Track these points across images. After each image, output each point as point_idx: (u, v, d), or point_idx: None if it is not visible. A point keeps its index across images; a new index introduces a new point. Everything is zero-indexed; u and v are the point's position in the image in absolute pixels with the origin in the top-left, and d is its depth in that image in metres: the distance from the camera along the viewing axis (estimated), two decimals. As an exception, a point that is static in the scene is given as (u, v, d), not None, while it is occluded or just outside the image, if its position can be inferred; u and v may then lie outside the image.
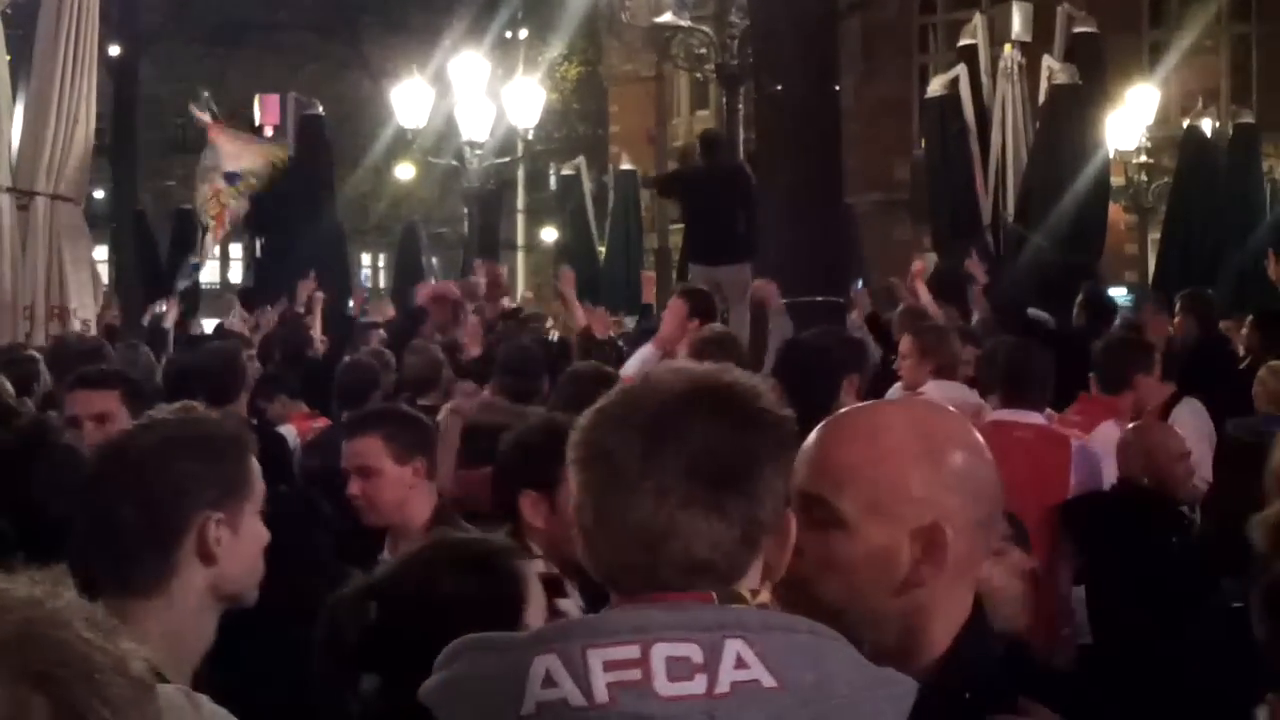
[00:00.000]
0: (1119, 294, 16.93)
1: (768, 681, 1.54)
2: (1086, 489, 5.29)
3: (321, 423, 6.99)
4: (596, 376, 5.51)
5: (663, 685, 1.53)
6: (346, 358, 8.02)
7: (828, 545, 1.80)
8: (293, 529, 2.49)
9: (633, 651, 1.55)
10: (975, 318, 9.21)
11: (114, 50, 24.31)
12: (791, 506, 1.76)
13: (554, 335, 11.04)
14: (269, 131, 15.46)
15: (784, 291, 7.82)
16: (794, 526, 1.73)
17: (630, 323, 14.85)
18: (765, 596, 1.70)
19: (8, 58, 10.17)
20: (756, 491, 1.66)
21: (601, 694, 1.53)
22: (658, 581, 1.62)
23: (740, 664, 1.55)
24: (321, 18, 30.68)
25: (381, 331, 10.64)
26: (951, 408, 2.07)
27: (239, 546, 2.30)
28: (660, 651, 1.55)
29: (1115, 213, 18.57)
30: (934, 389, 5.93)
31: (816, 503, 1.81)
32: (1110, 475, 5.36)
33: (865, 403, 1.98)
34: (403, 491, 4.16)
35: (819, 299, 8.77)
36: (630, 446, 1.65)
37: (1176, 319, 10.00)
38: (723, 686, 1.53)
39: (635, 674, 1.54)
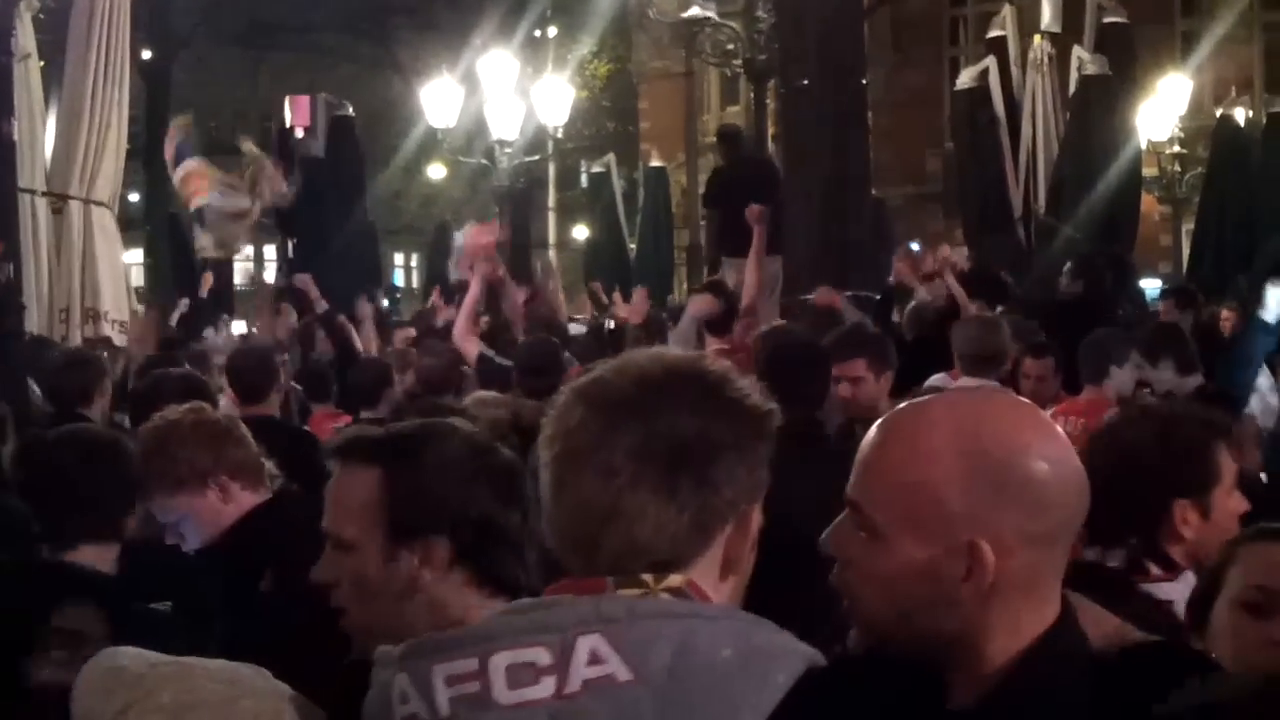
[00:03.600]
0: (1152, 285, 16.83)
1: (623, 675, 1.53)
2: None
3: (344, 420, 7.02)
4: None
5: (502, 693, 1.54)
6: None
7: (869, 556, 1.63)
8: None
9: (471, 664, 1.56)
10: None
11: (146, 54, 24.46)
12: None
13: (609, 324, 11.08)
14: (300, 133, 15.52)
15: (812, 286, 7.81)
16: (757, 520, 1.69)
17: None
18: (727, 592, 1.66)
19: (41, 63, 10.24)
20: (714, 478, 1.62)
21: (444, 708, 1.55)
22: (597, 563, 1.61)
23: (594, 660, 1.54)
24: (352, 19, 30.78)
25: (411, 330, 10.69)
26: (1025, 400, 1.81)
27: None
28: (500, 660, 1.55)
29: (1148, 204, 18.45)
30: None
31: (856, 509, 1.65)
32: None
33: (921, 398, 1.72)
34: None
35: (848, 294, 8.76)
36: (589, 424, 1.63)
37: (1225, 311, 10.00)
38: (573, 685, 1.53)
39: (474, 686, 1.55)
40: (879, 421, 1.69)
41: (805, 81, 9.14)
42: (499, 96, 19.86)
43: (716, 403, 1.65)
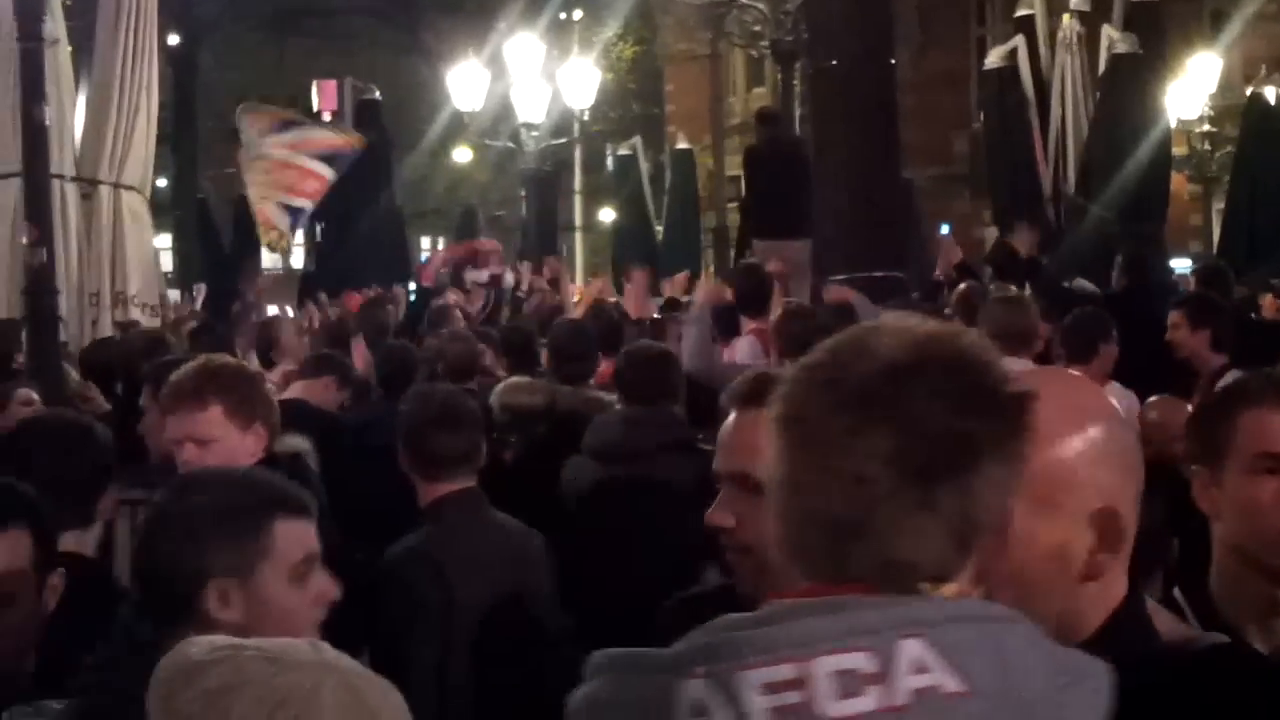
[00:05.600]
0: (1183, 265, 16.73)
1: (950, 685, 1.36)
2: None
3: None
4: (657, 358, 5.55)
5: (828, 704, 1.35)
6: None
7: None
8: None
9: (790, 670, 1.37)
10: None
11: (173, 39, 24.53)
12: None
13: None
14: (326, 117, 15.57)
15: (843, 268, 7.81)
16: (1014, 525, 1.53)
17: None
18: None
19: (69, 48, 10.28)
20: (974, 487, 1.43)
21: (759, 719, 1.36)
22: (846, 576, 1.43)
23: (919, 668, 1.37)
24: (378, 3, 30.81)
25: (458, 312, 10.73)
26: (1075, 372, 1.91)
27: None
28: (823, 666, 1.36)
29: (1178, 183, 18.37)
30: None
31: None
32: None
33: None
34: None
35: (878, 275, 8.74)
36: (831, 419, 1.44)
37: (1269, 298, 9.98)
38: (900, 698, 1.35)
39: (795, 696, 1.36)
40: None
41: (834, 62, 9.11)
42: (525, 80, 19.86)
43: (978, 395, 1.46)
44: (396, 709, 1.63)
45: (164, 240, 16.43)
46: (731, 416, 2.31)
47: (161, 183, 24.86)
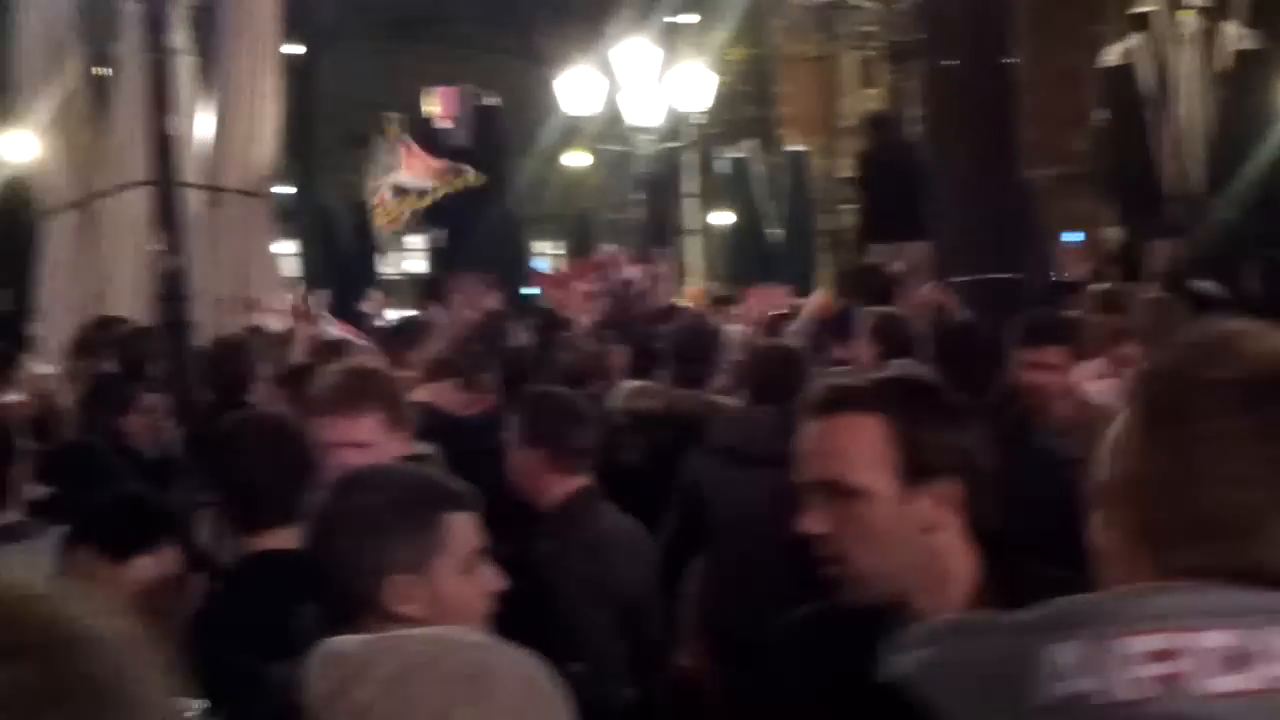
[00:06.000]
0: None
1: None
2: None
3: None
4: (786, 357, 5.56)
5: (1202, 680, 1.35)
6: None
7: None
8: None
9: (1164, 641, 1.36)
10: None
11: (293, 49, 24.93)
12: None
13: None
14: (446, 124, 15.76)
15: (963, 269, 7.74)
16: None
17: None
18: None
19: (194, 59, 10.50)
20: None
21: (1130, 689, 1.35)
22: (1210, 571, 1.41)
23: None
24: (490, 10, 31.07)
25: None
26: None
27: None
28: (1201, 641, 1.36)
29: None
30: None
31: None
32: None
33: None
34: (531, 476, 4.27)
35: (998, 276, 8.64)
36: (1217, 418, 1.44)
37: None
38: (1273, 679, 1.34)
39: (1169, 668, 1.35)
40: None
41: (953, 61, 9.02)
42: (638, 84, 19.91)
43: None
44: (563, 690, 1.66)
45: (287, 246, 16.72)
46: (815, 423, 2.29)
47: (284, 189, 25.32)
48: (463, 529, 2.49)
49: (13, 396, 6.87)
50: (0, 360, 9.25)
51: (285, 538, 3.27)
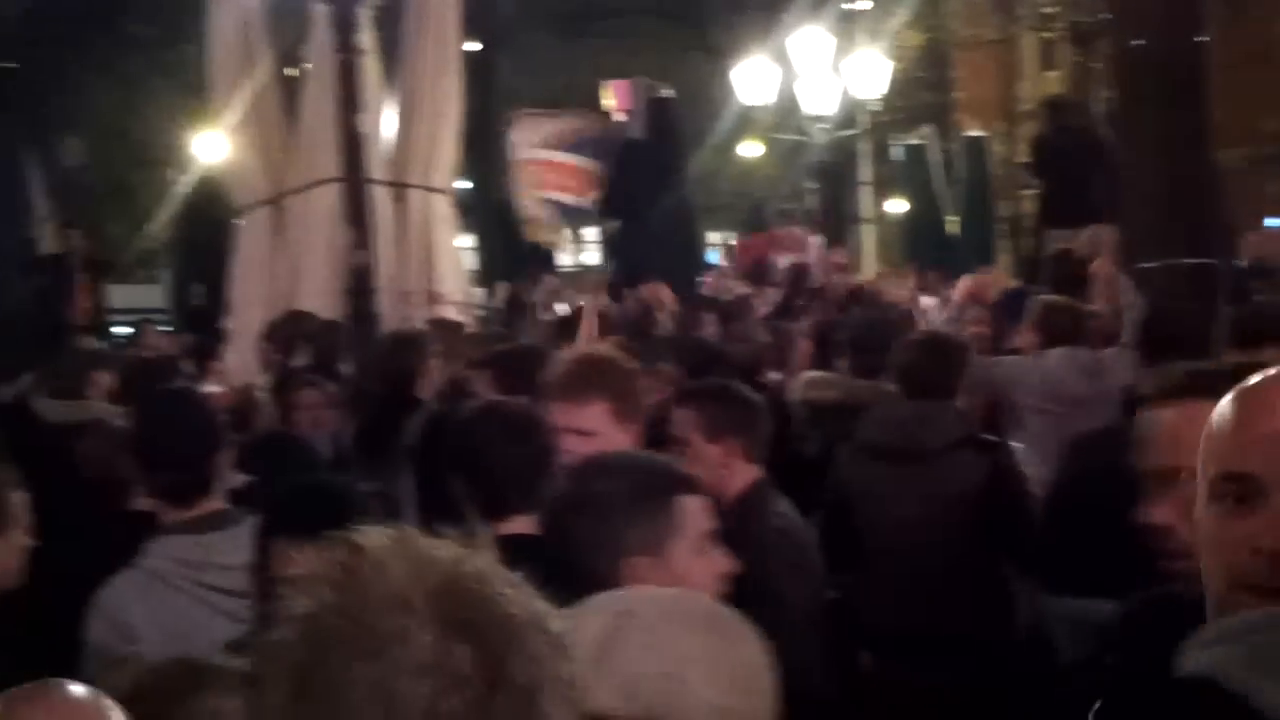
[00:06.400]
0: None
1: None
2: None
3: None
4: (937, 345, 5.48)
5: None
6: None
7: (1238, 523, 1.62)
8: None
9: None
10: None
11: (472, 46, 25.32)
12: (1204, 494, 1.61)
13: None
14: (621, 116, 15.86)
15: (1153, 254, 7.54)
16: None
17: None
18: None
19: (379, 58, 10.71)
20: None
21: None
22: None
23: None
24: (665, 2, 31.18)
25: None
26: None
27: None
28: None
29: None
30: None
31: (1244, 480, 1.63)
32: None
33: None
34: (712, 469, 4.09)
35: (1187, 261, 8.40)
36: None
37: None
38: None
39: None
40: (1253, 394, 1.67)
41: (1141, 41, 8.77)
42: (812, 72, 19.81)
43: None
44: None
45: (468, 240, 17.01)
46: (1164, 410, 2.22)
47: (463, 184, 25.76)
48: (695, 512, 2.60)
49: (211, 388, 7.12)
50: (198, 353, 9.61)
51: (524, 523, 3.33)
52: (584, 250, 24.04)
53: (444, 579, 1.26)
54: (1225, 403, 1.70)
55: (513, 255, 16.63)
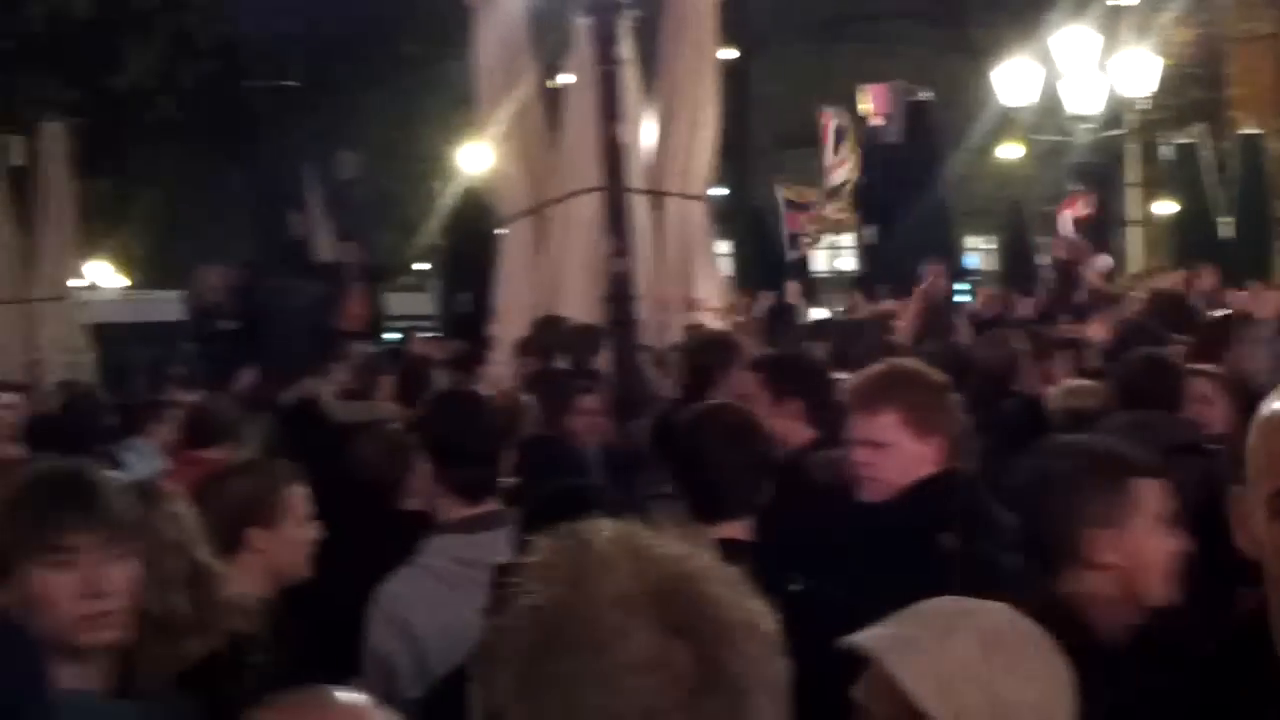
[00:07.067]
0: None
1: None
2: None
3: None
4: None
5: None
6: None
7: None
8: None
9: None
10: None
11: (728, 54, 25.46)
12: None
13: None
14: (878, 121, 15.76)
15: None
16: None
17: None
18: None
19: (638, 68, 10.87)
20: None
21: None
22: None
23: None
24: (923, 4, 30.79)
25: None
26: None
27: None
28: None
29: None
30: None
31: None
32: None
33: None
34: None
35: None
36: None
37: None
38: None
39: None
40: None
41: None
42: (1077, 71, 19.30)
43: None
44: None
45: (721, 246, 17.14)
46: None
47: (719, 191, 25.93)
48: (1153, 493, 2.77)
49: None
50: (465, 359, 9.93)
51: (736, 529, 3.39)
52: (839, 256, 23.91)
53: (666, 578, 1.30)
54: None
55: (767, 261, 16.69)
